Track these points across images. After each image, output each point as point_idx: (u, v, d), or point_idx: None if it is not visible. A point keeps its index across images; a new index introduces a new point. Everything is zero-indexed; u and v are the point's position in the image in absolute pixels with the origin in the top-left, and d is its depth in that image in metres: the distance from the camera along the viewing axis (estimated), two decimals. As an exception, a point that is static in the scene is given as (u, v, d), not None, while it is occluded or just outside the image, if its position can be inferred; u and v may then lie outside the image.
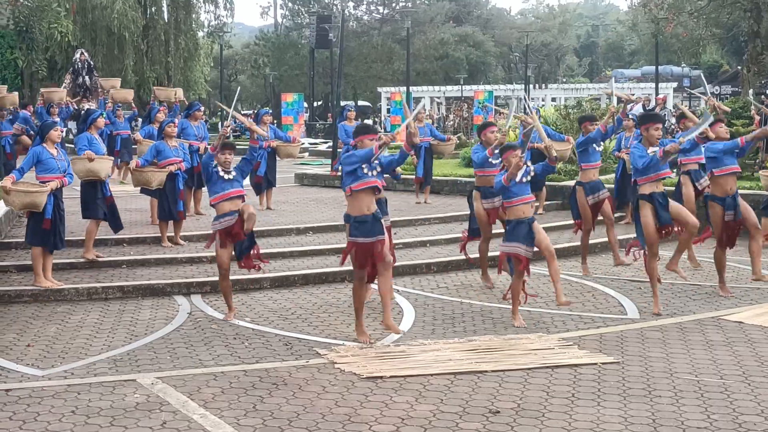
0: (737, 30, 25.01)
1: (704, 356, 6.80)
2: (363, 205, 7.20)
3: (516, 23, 68.84)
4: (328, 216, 13.03)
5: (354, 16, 56.35)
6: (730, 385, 6.06)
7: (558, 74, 68.52)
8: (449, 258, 10.66)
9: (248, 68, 57.18)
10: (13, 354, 7.00)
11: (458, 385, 6.09)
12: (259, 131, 8.90)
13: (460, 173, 16.91)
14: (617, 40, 73.96)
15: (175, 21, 32.75)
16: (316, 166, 23.03)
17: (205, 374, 6.42)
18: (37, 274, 9.01)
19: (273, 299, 9.00)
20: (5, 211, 11.10)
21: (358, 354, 6.86)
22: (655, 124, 8.24)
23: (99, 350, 7.12)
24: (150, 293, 9.15)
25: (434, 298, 9.01)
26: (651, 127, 8.22)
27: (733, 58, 52.21)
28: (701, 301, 8.73)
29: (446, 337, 7.45)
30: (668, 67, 53.90)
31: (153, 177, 10.90)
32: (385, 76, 51.95)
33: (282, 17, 59.39)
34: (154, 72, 32.03)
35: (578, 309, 8.40)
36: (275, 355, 6.95)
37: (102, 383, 6.22)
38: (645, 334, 7.48)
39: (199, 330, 7.76)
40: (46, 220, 8.91)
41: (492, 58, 61.38)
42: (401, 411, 5.58)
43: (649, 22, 25.10)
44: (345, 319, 8.09)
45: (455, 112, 42.24)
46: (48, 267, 9.12)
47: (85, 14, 30.11)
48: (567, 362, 6.61)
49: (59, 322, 8.07)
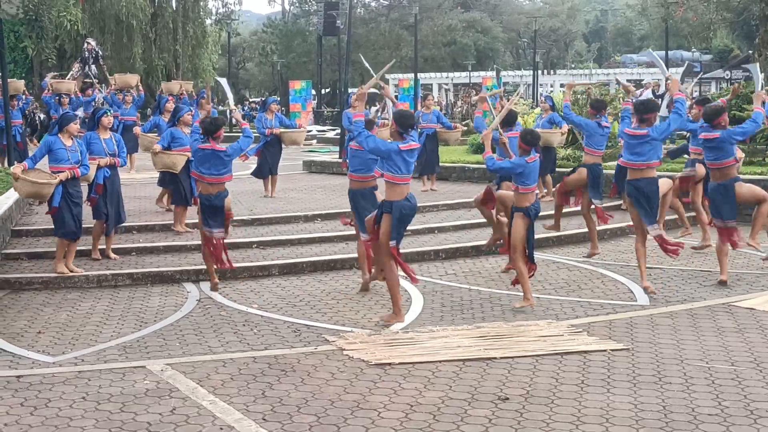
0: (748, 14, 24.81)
1: (715, 343, 6.77)
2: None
3: (524, 9, 68.58)
4: (336, 203, 13.02)
5: (361, 2, 56.24)
6: (742, 372, 6.03)
7: (567, 60, 68.24)
8: (457, 245, 10.65)
9: (256, 56, 57.20)
10: (24, 341, 7.04)
11: (467, 372, 6.09)
12: (237, 116, 9.60)
13: (468, 160, 16.86)
14: (626, 25, 73.51)
15: (183, 9, 32.70)
16: (324, 153, 23.01)
17: (215, 361, 6.43)
18: (59, 260, 9.08)
19: (281, 286, 9.01)
20: (16, 199, 11.13)
21: (367, 341, 6.86)
22: (653, 113, 8.33)
23: (109, 337, 7.14)
24: (159, 280, 9.17)
25: (442, 284, 9.00)
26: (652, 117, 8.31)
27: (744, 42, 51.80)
28: (712, 287, 8.69)
29: (455, 323, 7.44)
30: (678, 52, 53.54)
31: (178, 160, 10.98)
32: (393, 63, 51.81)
33: (290, 4, 59.35)
34: (163, 60, 32.04)
35: (588, 295, 8.38)
36: (284, 341, 6.96)
37: (112, 370, 6.24)
38: (655, 320, 7.46)
39: (208, 317, 7.78)
40: (54, 207, 8.96)
41: (500, 44, 61.19)
42: (410, 398, 5.58)
43: (659, 7, 24.94)
44: (353, 305, 8.10)
45: (463, 98, 42.11)
46: (71, 254, 9.20)
47: (94, 3, 30.11)
48: (576, 349, 6.59)
49: (69, 309, 8.10)
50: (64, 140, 9.11)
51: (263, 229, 11.36)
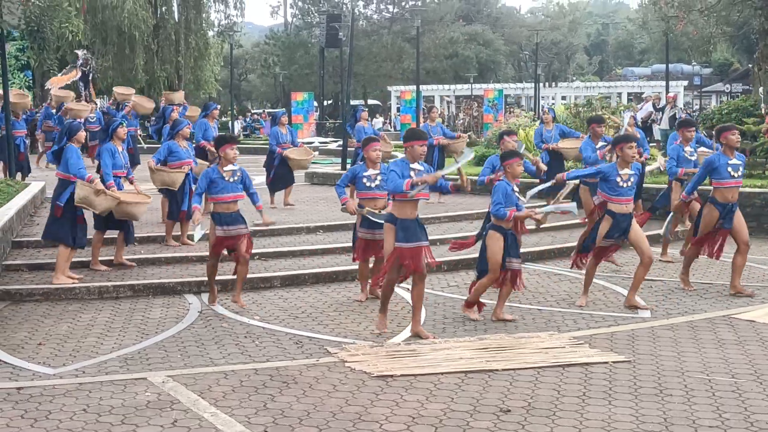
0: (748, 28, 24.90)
1: (716, 355, 6.77)
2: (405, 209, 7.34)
3: (526, 21, 68.79)
4: (338, 215, 13.01)
5: (364, 15, 56.37)
6: (742, 384, 6.03)
7: (568, 72, 68.40)
8: (459, 257, 10.63)
9: (258, 67, 57.34)
10: (25, 352, 7.03)
11: (469, 384, 6.08)
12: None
13: (470, 172, 16.85)
14: (627, 39, 73.76)
15: (186, 20, 32.78)
16: (326, 165, 23.04)
17: (216, 373, 6.43)
18: (58, 271, 9.12)
19: (283, 298, 9.01)
20: (17, 210, 11.15)
21: (369, 353, 6.86)
22: (629, 143, 8.24)
23: (110, 349, 7.14)
24: (161, 292, 9.17)
25: (445, 296, 9.00)
26: (625, 146, 8.22)
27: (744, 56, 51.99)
28: (712, 300, 8.69)
29: (457, 335, 7.44)
30: (679, 65, 53.76)
31: (177, 178, 10.97)
32: (395, 75, 51.97)
33: (292, 16, 59.57)
34: (165, 71, 32.09)
35: (589, 308, 8.38)
36: (286, 353, 6.96)
37: (113, 381, 6.24)
38: (656, 332, 7.46)
39: (209, 328, 7.78)
40: (58, 207, 9.13)
41: (502, 57, 61.39)
42: (412, 410, 5.58)
43: (660, 20, 25.00)
44: (355, 317, 8.10)
45: (465, 110, 42.21)
46: (68, 262, 9.28)
47: (96, 14, 30.20)
48: (578, 361, 6.59)
49: (70, 320, 8.10)
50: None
51: (265, 240, 11.37)
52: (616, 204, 8.27)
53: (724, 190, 8.73)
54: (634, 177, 8.33)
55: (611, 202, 8.29)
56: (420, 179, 7.15)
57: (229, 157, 8.41)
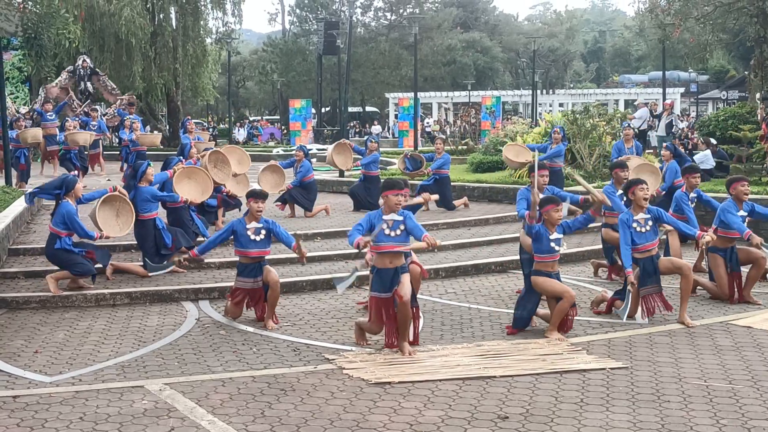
0: (744, 35, 24.93)
1: (713, 361, 6.77)
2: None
3: (523, 29, 68.90)
4: (335, 222, 13.04)
5: (361, 22, 56.47)
6: (739, 390, 6.03)
7: (565, 80, 68.53)
8: (457, 263, 10.66)
9: (256, 74, 57.35)
10: (21, 360, 7.02)
11: (467, 391, 6.08)
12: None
13: (468, 179, 16.90)
14: (624, 46, 73.93)
15: (183, 28, 32.77)
16: (323, 171, 23.04)
17: (214, 380, 6.42)
18: (55, 277, 9.14)
19: (281, 305, 8.98)
20: (13, 217, 11.15)
21: (367, 360, 6.86)
22: (640, 185, 8.01)
23: (107, 356, 7.12)
24: (158, 299, 9.17)
25: (442, 303, 9.00)
26: (636, 189, 8.02)
27: (740, 63, 52.11)
28: (710, 306, 8.70)
29: (454, 342, 7.44)
30: (675, 72, 53.94)
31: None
32: (393, 82, 52.06)
33: (290, 24, 59.59)
34: (162, 78, 32.03)
35: (587, 314, 8.38)
36: (283, 360, 6.95)
37: (110, 389, 6.22)
38: (654, 339, 7.46)
39: (207, 336, 7.77)
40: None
41: (499, 64, 61.50)
42: (410, 417, 5.57)
43: (656, 28, 25.05)
44: (353, 325, 8.08)
45: (463, 117, 42.27)
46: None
47: (93, 21, 30.18)
48: (576, 367, 6.59)
49: (67, 328, 8.09)
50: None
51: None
52: (637, 252, 7.99)
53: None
54: (650, 220, 8.00)
55: (634, 251, 7.98)
56: (369, 239, 6.88)
57: (252, 211, 8.18)
